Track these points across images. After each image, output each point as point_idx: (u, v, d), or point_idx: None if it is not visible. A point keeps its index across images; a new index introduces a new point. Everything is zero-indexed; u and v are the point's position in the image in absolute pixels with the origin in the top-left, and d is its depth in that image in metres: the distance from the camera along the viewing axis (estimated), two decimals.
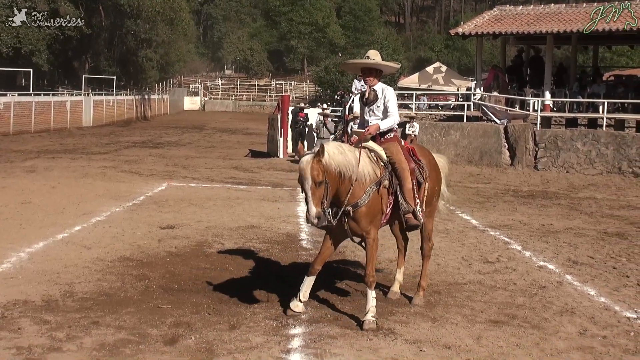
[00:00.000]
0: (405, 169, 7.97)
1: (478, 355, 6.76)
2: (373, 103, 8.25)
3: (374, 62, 8.23)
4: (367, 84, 8.32)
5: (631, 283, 9.74)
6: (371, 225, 7.73)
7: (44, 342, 6.73)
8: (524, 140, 25.35)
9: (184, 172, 21.99)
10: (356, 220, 7.64)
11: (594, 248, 12.08)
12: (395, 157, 8.02)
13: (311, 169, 7.16)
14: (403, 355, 6.65)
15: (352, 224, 7.69)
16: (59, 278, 9.05)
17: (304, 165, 7.23)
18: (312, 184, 7.16)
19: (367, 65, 8.26)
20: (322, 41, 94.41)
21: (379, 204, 7.78)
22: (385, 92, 8.22)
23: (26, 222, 12.77)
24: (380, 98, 8.21)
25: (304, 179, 7.17)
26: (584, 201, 18.29)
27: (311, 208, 7.16)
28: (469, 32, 29.20)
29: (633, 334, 7.50)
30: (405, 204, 7.93)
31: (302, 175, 7.20)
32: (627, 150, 23.84)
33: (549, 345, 7.08)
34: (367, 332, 7.23)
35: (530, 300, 8.76)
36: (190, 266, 9.94)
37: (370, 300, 7.59)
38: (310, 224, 7.27)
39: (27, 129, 36.92)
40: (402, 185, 7.93)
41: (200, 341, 6.89)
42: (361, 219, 7.63)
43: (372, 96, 8.26)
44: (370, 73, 8.24)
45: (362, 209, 7.60)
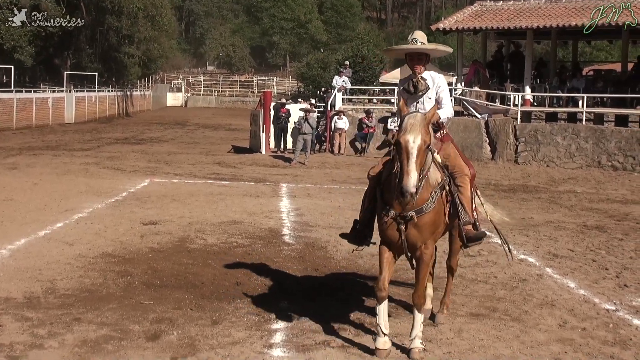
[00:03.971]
0: (465, 175, 7.05)
1: (459, 348, 6.78)
2: (423, 94, 7.06)
3: (423, 47, 7.05)
4: (415, 72, 7.09)
5: (610, 275, 9.80)
6: (432, 237, 6.58)
7: (26, 339, 6.68)
8: (504, 135, 25.46)
9: (167, 168, 21.92)
10: (419, 229, 6.40)
11: (573, 241, 12.15)
12: (453, 160, 7.09)
13: (422, 124, 6.09)
14: (385, 349, 6.65)
15: (412, 234, 6.40)
16: (41, 275, 8.99)
17: (417, 119, 6.12)
18: (420, 143, 5.98)
19: (416, 51, 7.04)
20: (304, 37, 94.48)
21: (443, 212, 6.69)
22: (437, 80, 7.12)
23: (7, 219, 12.67)
24: (432, 88, 7.07)
25: (412, 135, 6.00)
26: (564, 195, 18.38)
27: (412, 172, 5.90)
28: (450, 27, 29.24)
29: (612, 326, 7.54)
30: (465, 215, 6.94)
31: (410, 130, 6.03)
32: (606, 144, 23.99)
33: (529, 338, 7.11)
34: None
35: (511, 293, 8.80)
36: (173, 262, 9.91)
37: (418, 324, 6.54)
38: (405, 196, 5.93)
39: (8, 126, 36.64)
40: (462, 193, 6.94)
41: (183, 337, 6.87)
42: (424, 227, 6.42)
43: (423, 86, 7.03)
44: (420, 60, 7.08)
45: (428, 216, 6.42)
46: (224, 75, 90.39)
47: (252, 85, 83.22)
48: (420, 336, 6.53)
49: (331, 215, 14.14)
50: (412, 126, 6.05)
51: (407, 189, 5.85)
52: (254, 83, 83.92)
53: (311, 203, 15.79)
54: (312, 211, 14.61)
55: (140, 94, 64.88)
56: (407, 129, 6.05)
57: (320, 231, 12.44)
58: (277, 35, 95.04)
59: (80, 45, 58.61)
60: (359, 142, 27.89)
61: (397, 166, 6.10)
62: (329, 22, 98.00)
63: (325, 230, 12.52)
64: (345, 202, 15.61)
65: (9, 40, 45.54)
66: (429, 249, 6.55)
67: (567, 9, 27.64)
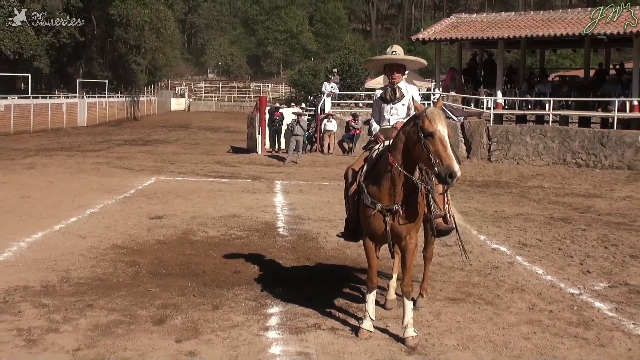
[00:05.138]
0: None
1: (438, 329, 6.79)
2: (398, 101, 7.12)
3: (401, 58, 7.15)
4: (393, 81, 7.18)
5: (575, 263, 9.83)
6: (415, 227, 6.48)
7: (43, 324, 6.66)
8: (478, 135, 25.50)
9: (171, 167, 21.86)
10: (404, 220, 6.34)
11: (541, 232, 12.18)
12: None
13: (443, 117, 5.93)
14: (370, 330, 6.67)
15: (397, 225, 6.33)
16: (56, 265, 8.96)
17: (439, 112, 5.94)
18: (448, 131, 5.85)
19: (394, 62, 7.15)
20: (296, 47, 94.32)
21: (423, 204, 6.58)
22: (410, 90, 7.18)
23: (26, 215, 12.64)
24: (406, 96, 7.12)
25: (442, 125, 5.84)
26: (533, 189, 18.42)
27: (455, 159, 5.75)
28: (429, 38, 29.25)
29: (576, 308, 7.56)
30: (436, 209, 6.93)
31: (439, 121, 5.84)
32: (571, 143, 24.06)
33: (502, 320, 7.12)
34: (411, 348, 6.20)
35: (485, 279, 8.81)
36: (177, 253, 9.88)
37: (409, 312, 6.45)
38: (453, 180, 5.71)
39: (26, 129, 36.53)
40: (433, 188, 6.87)
41: (186, 321, 6.86)
42: (409, 219, 6.37)
43: (398, 94, 7.11)
44: (398, 70, 7.16)
45: (412, 208, 6.37)
46: (223, 82, 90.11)
47: (248, 91, 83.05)
48: (412, 323, 6.43)
49: (321, 209, 14.14)
50: (440, 118, 5.87)
51: (456, 173, 5.66)
52: (251, 89, 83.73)
53: (303, 198, 15.78)
54: (304, 206, 14.60)
55: (147, 100, 64.67)
56: (437, 120, 5.84)
57: (311, 224, 12.43)
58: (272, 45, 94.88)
59: (92, 55, 58.44)
60: (347, 143, 27.87)
61: (433, 156, 5.77)
62: (318, 33, 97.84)
63: (316, 223, 12.52)
64: (334, 197, 15.59)
65: (28, 50, 45.28)
66: (413, 239, 6.48)
67: (535, 21, 27.70)
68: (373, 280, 6.62)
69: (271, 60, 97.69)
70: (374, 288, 6.62)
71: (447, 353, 6.16)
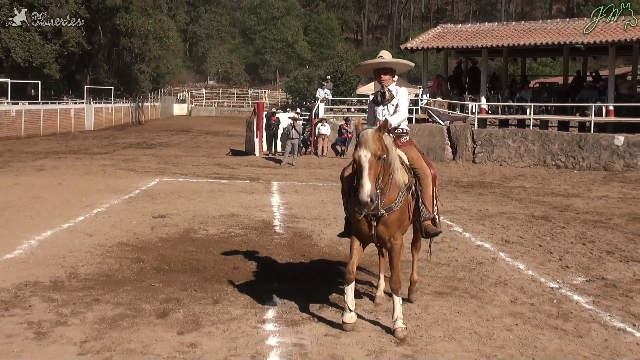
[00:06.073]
0: (427, 176, 6.89)
1: (425, 322, 6.79)
2: (388, 102, 7.13)
3: (387, 61, 7.19)
4: (383, 84, 7.21)
5: (554, 258, 9.84)
6: (399, 231, 6.55)
7: (52, 317, 6.65)
8: (464, 139, 25.52)
9: (174, 169, 21.82)
10: (387, 225, 6.39)
11: (523, 229, 12.20)
12: (417, 163, 6.93)
13: (373, 139, 5.96)
14: (362, 322, 6.67)
15: (381, 229, 6.41)
16: (65, 262, 8.94)
17: (367, 136, 5.99)
18: (371, 156, 5.87)
19: (382, 65, 7.20)
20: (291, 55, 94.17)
21: (408, 209, 6.64)
22: (399, 91, 7.18)
23: (36, 214, 12.60)
24: (396, 97, 7.14)
25: (364, 150, 5.91)
26: (515, 189, 18.45)
27: (366, 184, 5.79)
28: (417, 46, 29.26)
29: (556, 302, 7.58)
30: (425, 211, 6.88)
31: (362, 146, 5.94)
32: (551, 146, 24.08)
33: (485, 312, 7.14)
34: (401, 340, 6.23)
35: (470, 274, 8.82)
36: (179, 250, 9.87)
37: (398, 307, 6.46)
38: (361, 205, 5.89)
39: (36, 133, 36.40)
40: (423, 192, 6.84)
41: (188, 314, 6.85)
42: (392, 224, 6.42)
43: (388, 95, 7.14)
44: (386, 73, 7.19)
45: (395, 214, 6.39)
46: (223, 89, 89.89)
47: (247, 97, 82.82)
48: (401, 317, 6.43)
49: (316, 208, 14.13)
50: (365, 142, 5.97)
51: (362, 199, 5.80)
52: (249, 95, 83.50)
53: (298, 198, 15.77)
54: (299, 205, 14.59)
55: (151, 105, 64.49)
56: (361, 145, 5.98)
57: (306, 222, 12.42)
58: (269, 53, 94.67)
59: (99, 63, 58.23)
60: (339, 146, 27.85)
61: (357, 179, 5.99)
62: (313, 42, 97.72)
63: (310, 221, 12.51)
64: (328, 197, 15.61)
65: (37, 58, 45.10)
66: (398, 241, 6.53)
67: (517, 31, 27.76)
68: (350, 272, 6.55)
69: (268, 68, 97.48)
70: (351, 280, 6.57)
71: (434, 344, 6.17)
